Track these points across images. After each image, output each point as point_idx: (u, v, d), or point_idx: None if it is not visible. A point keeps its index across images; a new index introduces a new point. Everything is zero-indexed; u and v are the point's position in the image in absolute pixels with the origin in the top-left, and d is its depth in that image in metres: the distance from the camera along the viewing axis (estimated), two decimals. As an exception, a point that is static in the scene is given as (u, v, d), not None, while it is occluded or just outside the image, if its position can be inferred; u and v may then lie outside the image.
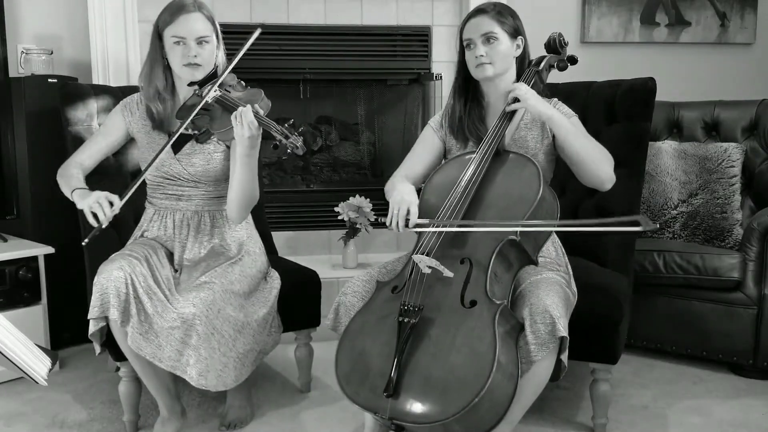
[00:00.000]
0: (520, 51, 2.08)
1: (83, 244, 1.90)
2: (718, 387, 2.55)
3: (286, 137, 1.85)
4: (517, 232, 1.81)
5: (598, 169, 1.95)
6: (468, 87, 2.13)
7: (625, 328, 2.16)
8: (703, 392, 2.51)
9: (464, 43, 2.07)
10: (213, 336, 1.96)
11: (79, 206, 1.97)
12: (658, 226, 1.58)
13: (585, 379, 2.27)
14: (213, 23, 2.12)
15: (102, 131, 2.23)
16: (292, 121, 1.89)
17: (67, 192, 2.08)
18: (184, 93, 2.16)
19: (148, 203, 2.25)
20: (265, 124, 1.90)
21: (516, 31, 2.05)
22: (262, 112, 1.95)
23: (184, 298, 1.96)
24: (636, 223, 1.60)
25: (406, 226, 1.87)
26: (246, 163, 2.02)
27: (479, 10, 2.05)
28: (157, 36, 2.11)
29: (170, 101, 2.17)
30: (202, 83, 2.08)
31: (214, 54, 2.11)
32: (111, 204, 1.91)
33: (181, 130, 1.99)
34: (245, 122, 1.89)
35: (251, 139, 1.93)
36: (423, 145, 2.21)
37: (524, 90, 1.96)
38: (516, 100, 1.97)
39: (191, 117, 1.96)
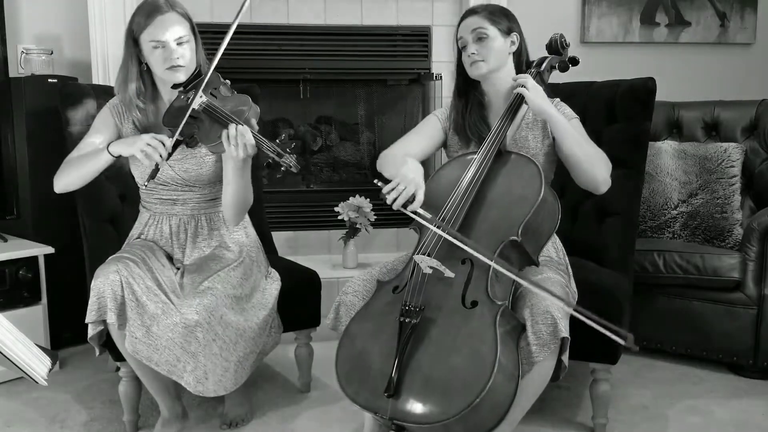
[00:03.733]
0: (515, 47, 2.08)
1: (144, 185, 1.88)
2: (718, 387, 2.55)
3: (279, 156, 1.80)
4: (518, 232, 1.80)
5: (593, 171, 1.94)
6: (468, 88, 2.14)
7: (625, 328, 2.15)
8: (703, 392, 2.51)
9: (459, 45, 2.09)
10: (215, 342, 1.96)
11: (127, 153, 1.92)
12: (638, 349, 1.63)
13: (585, 379, 2.27)
14: (189, 20, 2.04)
15: (94, 132, 2.11)
16: (283, 137, 1.84)
17: (89, 165, 1.99)
18: (168, 96, 2.09)
19: (143, 207, 2.22)
20: (257, 141, 1.84)
21: (509, 29, 2.06)
22: (256, 126, 1.89)
23: (187, 304, 1.96)
24: (623, 338, 1.62)
25: (404, 206, 1.82)
26: (239, 174, 1.99)
27: (470, 11, 2.07)
28: (132, 40, 2.03)
29: (151, 106, 2.10)
30: (186, 84, 2.00)
31: (194, 52, 2.04)
32: (162, 143, 1.86)
33: (174, 139, 1.91)
34: (241, 143, 1.82)
35: (246, 159, 1.89)
36: (425, 131, 2.20)
37: (531, 82, 1.96)
38: (523, 87, 1.96)
39: (181, 127, 1.88)
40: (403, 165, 1.91)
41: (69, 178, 2.04)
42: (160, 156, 1.85)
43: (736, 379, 2.62)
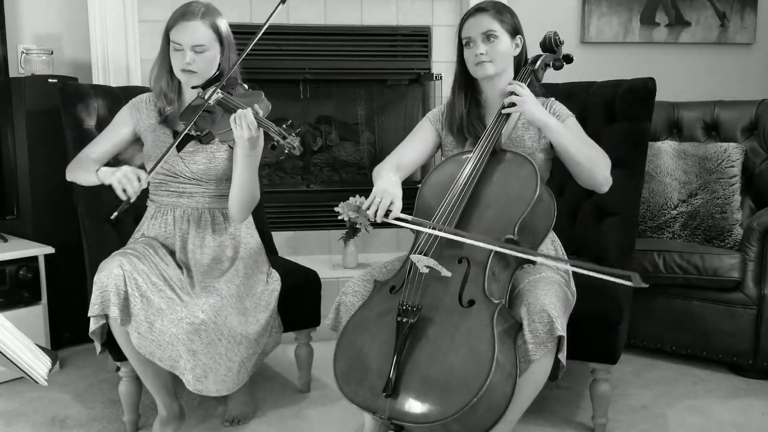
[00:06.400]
0: (518, 50, 2.08)
1: (111, 218, 1.90)
2: (718, 387, 2.55)
3: (284, 138, 1.87)
4: (514, 230, 1.81)
5: (594, 172, 1.95)
6: (467, 86, 2.13)
7: (625, 328, 2.16)
8: (703, 392, 2.51)
9: (463, 42, 2.06)
10: (220, 342, 1.97)
11: (107, 181, 1.98)
12: (648, 286, 1.64)
13: (585, 379, 2.28)
14: (216, 31, 2.10)
15: (110, 129, 2.25)
16: (290, 122, 1.92)
17: (87, 175, 2.08)
18: (189, 94, 2.17)
19: (150, 201, 2.26)
20: (264, 126, 1.92)
21: (515, 30, 2.05)
22: (261, 113, 1.96)
23: (194, 302, 1.97)
24: (627, 278, 1.63)
25: (385, 216, 1.87)
26: (247, 163, 2.04)
27: (479, 9, 2.04)
28: (166, 37, 2.13)
29: (176, 102, 2.19)
30: (205, 85, 2.10)
31: (212, 62, 2.11)
32: (138, 179, 1.93)
33: (185, 132, 2.02)
34: (244, 124, 1.91)
35: (251, 141, 1.95)
36: (418, 136, 2.21)
37: (522, 92, 1.95)
38: (512, 103, 1.95)
39: (194, 120, 1.98)
40: (378, 179, 1.98)
41: (74, 175, 2.16)
42: (133, 189, 1.91)
43: (736, 379, 2.61)
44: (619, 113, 2.53)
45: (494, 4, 2.05)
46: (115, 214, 1.90)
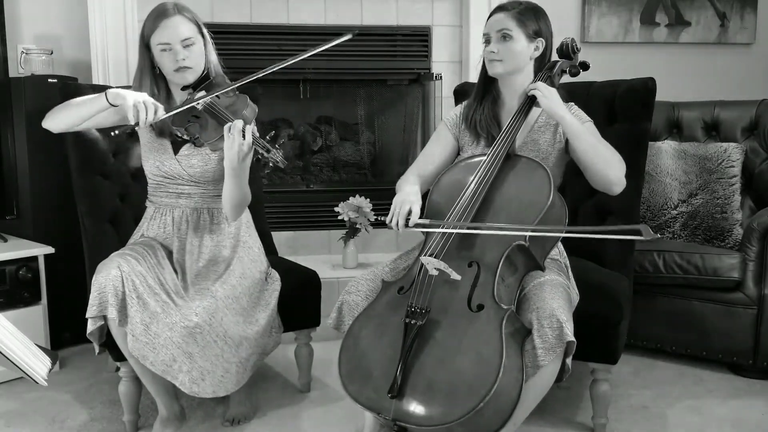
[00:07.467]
0: (538, 53, 2.06)
1: (112, 134, 1.86)
2: (718, 387, 2.55)
3: (268, 151, 1.88)
4: (526, 237, 1.80)
5: (606, 172, 1.94)
6: (487, 83, 2.13)
7: (625, 328, 2.16)
8: (703, 392, 2.51)
9: (483, 40, 2.07)
10: (216, 343, 1.97)
11: (119, 102, 1.94)
12: (659, 236, 1.59)
13: (585, 379, 2.28)
14: (197, 24, 2.11)
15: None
16: (273, 133, 1.92)
17: (84, 106, 2.02)
18: (180, 98, 2.16)
19: (149, 202, 2.26)
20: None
21: (536, 33, 2.03)
22: (249, 117, 1.96)
23: (188, 306, 1.97)
24: (638, 232, 1.60)
25: (407, 225, 1.88)
26: (237, 169, 2.02)
27: (501, 7, 2.05)
28: (145, 45, 2.10)
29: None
30: (195, 86, 2.09)
31: (202, 55, 2.11)
32: (155, 111, 1.91)
33: (176, 134, 2.03)
34: (238, 138, 1.90)
35: (240, 154, 1.93)
36: (436, 143, 2.21)
37: (543, 86, 1.96)
38: (535, 89, 1.96)
39: (177, 110, 1.97)
40: (398, 194, 2.00)
41: (60, 115, 2.08)
42: (146, 118, 1.89)
43: (736, 379, 2.62)
44: (619, 113, 2.53)
45: (519, 5, 2.03)
46: (116, 131, 1.86)
